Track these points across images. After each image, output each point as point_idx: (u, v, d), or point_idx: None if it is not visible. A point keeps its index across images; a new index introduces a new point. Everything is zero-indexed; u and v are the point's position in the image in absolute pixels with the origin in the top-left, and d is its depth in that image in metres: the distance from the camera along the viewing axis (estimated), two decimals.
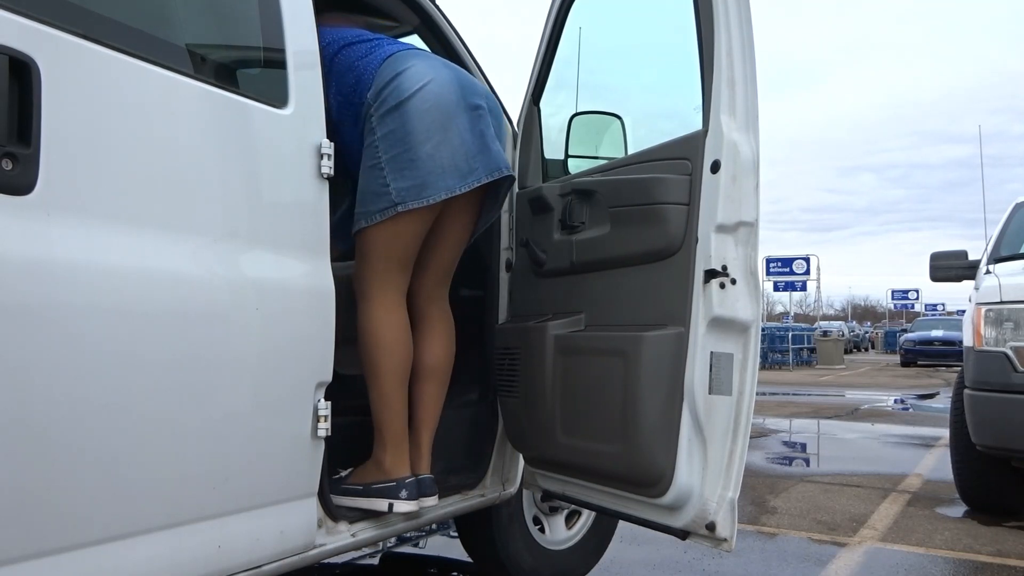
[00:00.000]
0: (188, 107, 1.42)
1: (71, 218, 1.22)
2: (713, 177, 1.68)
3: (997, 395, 3.47)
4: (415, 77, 1.81)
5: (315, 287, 1.64)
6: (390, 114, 1.80)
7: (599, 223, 1.95)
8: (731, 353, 1.67)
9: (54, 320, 1.18)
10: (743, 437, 1.68)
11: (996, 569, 3.01)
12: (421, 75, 1.82)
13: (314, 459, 1.65)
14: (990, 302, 3.61)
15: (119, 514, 1.29)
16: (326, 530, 1.72)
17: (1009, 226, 4.45)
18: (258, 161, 1.55)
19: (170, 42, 1.46)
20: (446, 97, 1.83)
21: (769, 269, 29.25)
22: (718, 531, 1.68)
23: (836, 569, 2.97)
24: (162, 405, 1.34)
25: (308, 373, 1.62)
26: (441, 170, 1.80)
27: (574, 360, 1.95)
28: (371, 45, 1.93)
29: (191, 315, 1.39)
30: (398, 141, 1.80)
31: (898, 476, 4.94)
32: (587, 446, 1.89)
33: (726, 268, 1.66)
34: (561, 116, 2.42)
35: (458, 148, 1.83)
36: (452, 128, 1.82)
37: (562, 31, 2.30)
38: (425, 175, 1.79)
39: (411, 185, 1.79)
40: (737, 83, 1.68)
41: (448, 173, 1.82)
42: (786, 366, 20.34)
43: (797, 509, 3.97)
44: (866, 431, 7.37)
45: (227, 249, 1.47)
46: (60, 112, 1.21)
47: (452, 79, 1.86)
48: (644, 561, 3.03)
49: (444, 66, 1.90)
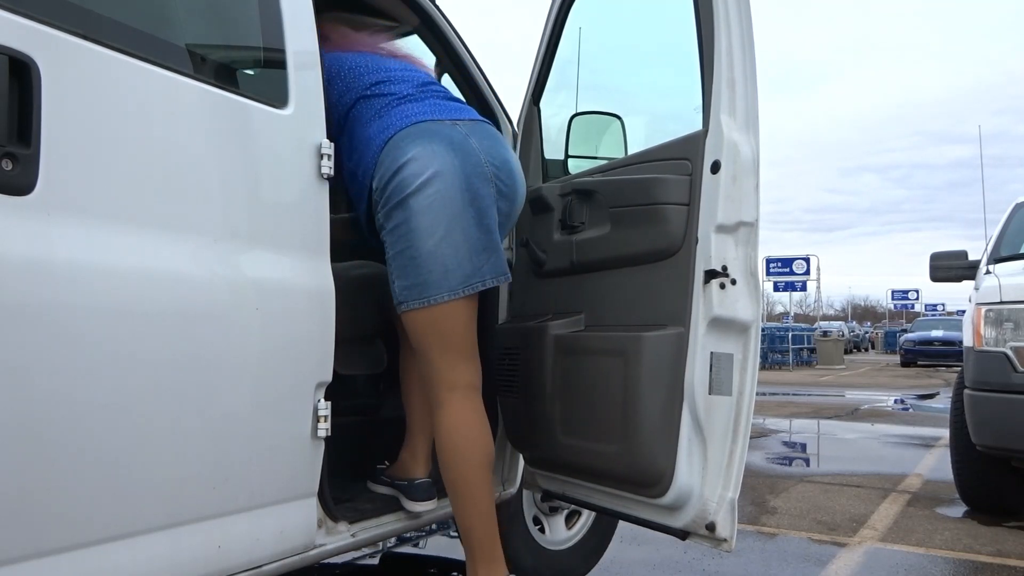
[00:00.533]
0: (188, 107, 1.42)
1: (71, 218, 1.22)
2: (713, 177, 1.68)
3: (997, 395, 3.47)
4: (418, 170, 1.70)
5: (315, 287, 1.64)
6: (395, 210, 1.72)
7: (599, 223, 1.95)
8: (731, 353, 1.67)
9: (54, 320, 1.18)
10: (743, 437, 1.68)
11: (996, 569, 3.01)
12: (424, 166, 1.71)
13: (314, 459, 1.65)
14: (990, 302, 3.61)
15: (119, 514, 1.29)
16: (326, 530, 1.72)
17: (1009, 226, 4.45)
18: (258, 161, 1.55)
19: (170, 42, 1.45)
20: (451, 193, 1.71)
21: (769, 269, 29.24)
22: (718, 531, 1.68)
23: (836, 569, 2.97)
24: (162, 405, 1.34)
25: (308, 373, 1.62)
26: (443, 270, 1.71)
27: (574, 360, 1.95)
28: (380, 105, 1.83)
29: (191, 315, 1.39)
30: (401, 237, 1.72)
31: (898, 476, 4.94)
32: (587, 446, 1.89)
33: (726, 268, 1.66)
34: (561, 116, 2.42)
35: (462, 246, 1.72)
36: (457, 225, 1.72)
37: (562, 31, 2.30)
38: (426, 275, 1.71)
39: (412, 284, 1.72)
40: (737, 83, 1.68)
41: (451, 273, 1.72)
42: (786, 366, 20.33)
43: (797, 509, 3.97)
44: (866, 431, 7.36)
45: (227, 249, 1.47)
46: (60, 112, 1.21)
47: (457, 170, 1.73)
48: (644, 561, 3.03)
49: (449, 149, 1.74)
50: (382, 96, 1.84)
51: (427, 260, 1.71)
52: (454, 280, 1.72)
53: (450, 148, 1.74)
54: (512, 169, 1.85)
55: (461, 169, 1.73)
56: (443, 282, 1.72)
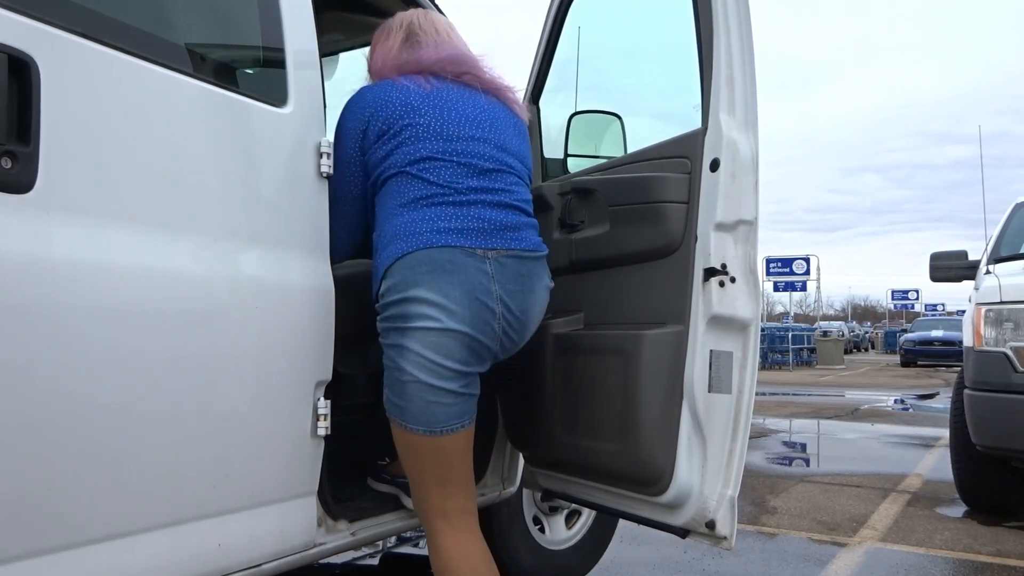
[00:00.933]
0: (188, 106, 1.42)
1: (70, 216, 1.22)
2: (712, 175, 1.68)
3: (997, 395, 3.47)
4: (425, 311, 1.53)
5: (315, 286, 1.64)
6: (390, 331, 1.57)
7: (598, 222, 1.95)
8: (730, 351, 1.67)
9: (53, 318, 1.18)
10: (743, 435, 1.68)
11: (996, 569, 3.01)
12: (433, 313, 1.53)
13: (314, 458, 1.65)
14: (990, 302, 3.61)
15: (119, 513, 1.29)
16: (326, 529, 1.72)
17: (1009, 226, 4.45)
18: (258, 160, 1.55)
19: (170, 41, 1.46)
20: (448, 344, 1.54)
21: (769, 269, 29.26)
22: (718, 529, 1.68)
23: (836, 569, 2.97)
24: (162, 404, 1.34)
25: (308, 372, 1.62)
26: (424, 403, 1.54)
27: (574, 359, 1.95)
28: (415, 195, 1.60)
29: (190, 314, 1.39)
30: (391, 359, 1.57)
31: (898, 476, 4.94)
32: (587, 444, 1.89)
33: (725, 266, 1.66)
34: (560, 115, 2.42)
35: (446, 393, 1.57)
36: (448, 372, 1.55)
37: (561, 30, 2.31)
38: (407, 403, 1.55)
39: (394, 404, 1.58)
40: (736, 81, 1.68)
41: (432, 408, 1.55)
42: (786, 366, 20.33)
43: (797, 509, 3.97)
44: (866, 431, 7.36)
45: (227, 248, 1.47)
46: (59, 111, 1.21)
47: (465, 324, 1.55)
48: (644, 561, 3.03)
49: (465, 299, 1.55)
50: (422, 181, 1.60)
51: (411, 391, 1.55)
52: (433, 419, 1.55)
53: (467, 297, 1.55)
54: (528, 320, 1.69)
55: (470, 325, 1.56)
56: (422, 416, 1.54)
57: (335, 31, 2.65)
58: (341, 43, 2.75)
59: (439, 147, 1.62)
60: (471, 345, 1.57)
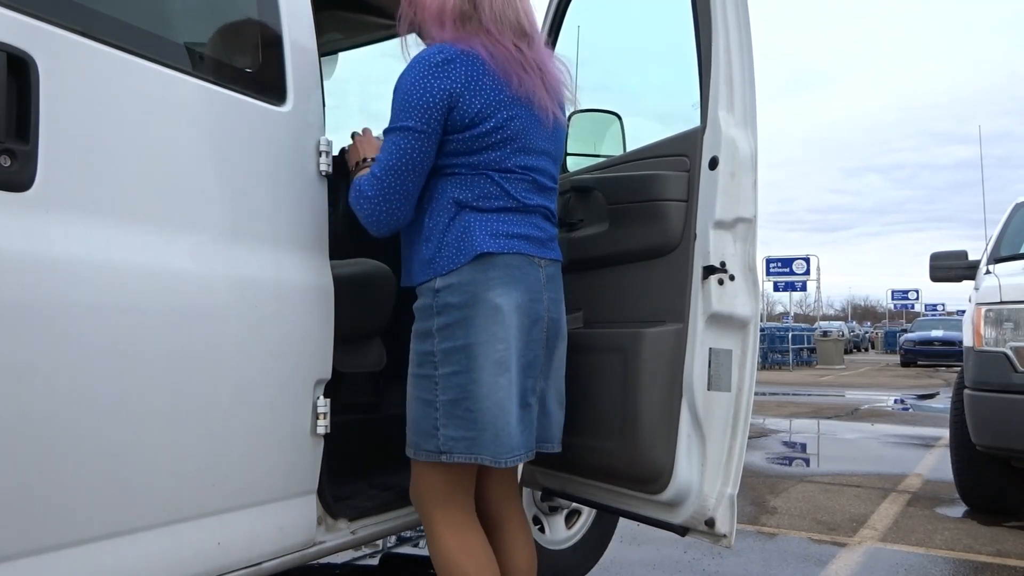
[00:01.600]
0: (186, 104, 1.43)
1: (69, 214, 1.22)
2: (711, 173, 1.68)
3: (997, 395, 3.47)
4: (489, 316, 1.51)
5: (314, 284, 1.64)
6: (453, 355, 1.51)
7: (598, 220, 1.95)
8: (730, 349, 1.67)
9: (52, 316, 1.18)
10: (742, 433, 1.68)
11: (996, 569, 3.01)
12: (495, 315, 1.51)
13: (314, 456, 1.65)
14: (990, 302, 3.61)
15: (118, 511, 1.29)
16: (326, 527, 1.72)
17: (1009, 226, 4.45)
18: (257, 158, 1.55)
19: (169, 39, 1.46)
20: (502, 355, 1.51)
21: (769, 269, 29.26)
22: (717, 527, 1.68)
23: (836, 569, 2.97)
24: (161, 402, 1.34)
25: (307, 371, 1.62)
26: (496, 430, 1.51)
27: (573, 357, 1.95)
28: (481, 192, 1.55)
29: (189, 312, 1.39)
30: (460, 387, 1.51)
31: (898, 476, 4.94)
32: (586, 443, 1.89)
33: (724, 264, 1.66)
34: None
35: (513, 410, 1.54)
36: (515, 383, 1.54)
37: (560, 29, 2.31)
38: (479, 432, 1.50)
39: (463, 436, 1.51)
40: (735, 80, 1.68)
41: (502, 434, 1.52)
42: (786, 366, 20.33)
43: (797, 509, 3.97)
44: (866, 431, 7.36)
45: (226, 246, 1.47)
46: (58, 109, 1.21)
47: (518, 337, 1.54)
48: (644, 561, 3.03)
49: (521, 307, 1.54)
50: (498, 188, 1.56)
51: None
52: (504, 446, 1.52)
53: (521, 305, 1.55)
54: (561, 326, 1.68)
55: (519, 336, 1.54)
56: (492, 445, 1.51)
57: (334, 30, 2.65)
58: (341, 42, 2.75)
59: (520, 161, 1.57)
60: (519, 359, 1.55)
